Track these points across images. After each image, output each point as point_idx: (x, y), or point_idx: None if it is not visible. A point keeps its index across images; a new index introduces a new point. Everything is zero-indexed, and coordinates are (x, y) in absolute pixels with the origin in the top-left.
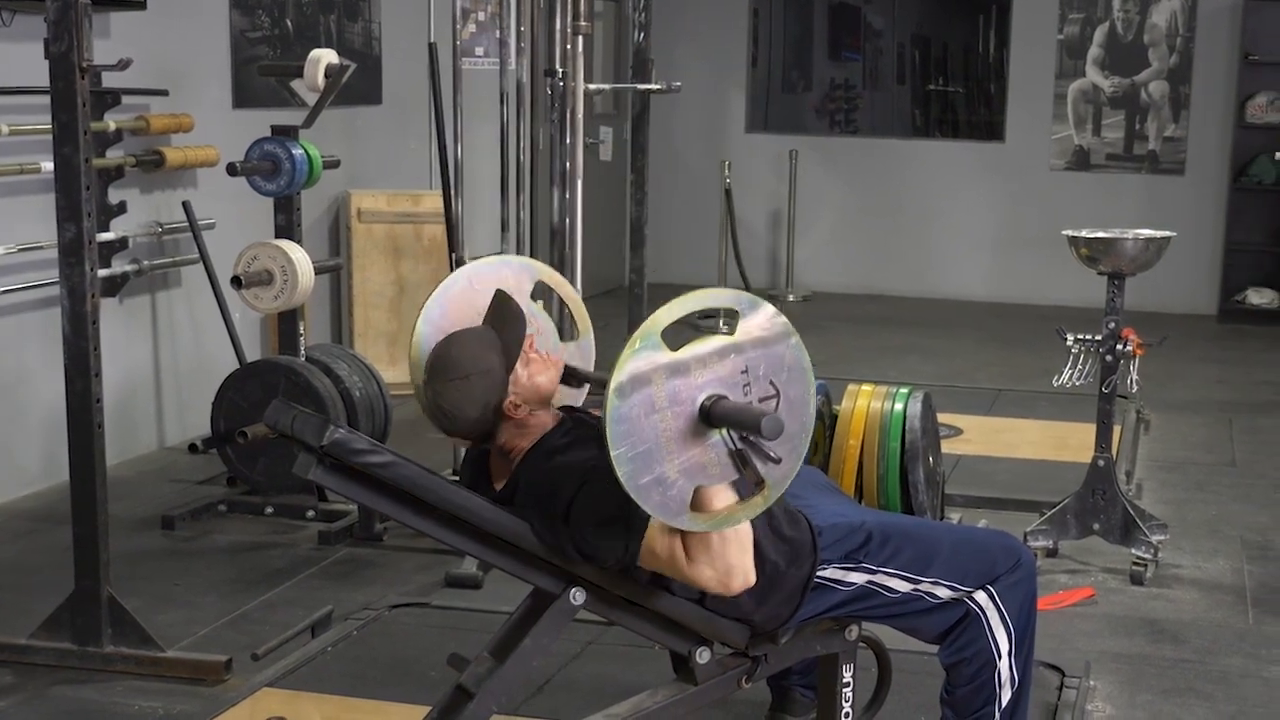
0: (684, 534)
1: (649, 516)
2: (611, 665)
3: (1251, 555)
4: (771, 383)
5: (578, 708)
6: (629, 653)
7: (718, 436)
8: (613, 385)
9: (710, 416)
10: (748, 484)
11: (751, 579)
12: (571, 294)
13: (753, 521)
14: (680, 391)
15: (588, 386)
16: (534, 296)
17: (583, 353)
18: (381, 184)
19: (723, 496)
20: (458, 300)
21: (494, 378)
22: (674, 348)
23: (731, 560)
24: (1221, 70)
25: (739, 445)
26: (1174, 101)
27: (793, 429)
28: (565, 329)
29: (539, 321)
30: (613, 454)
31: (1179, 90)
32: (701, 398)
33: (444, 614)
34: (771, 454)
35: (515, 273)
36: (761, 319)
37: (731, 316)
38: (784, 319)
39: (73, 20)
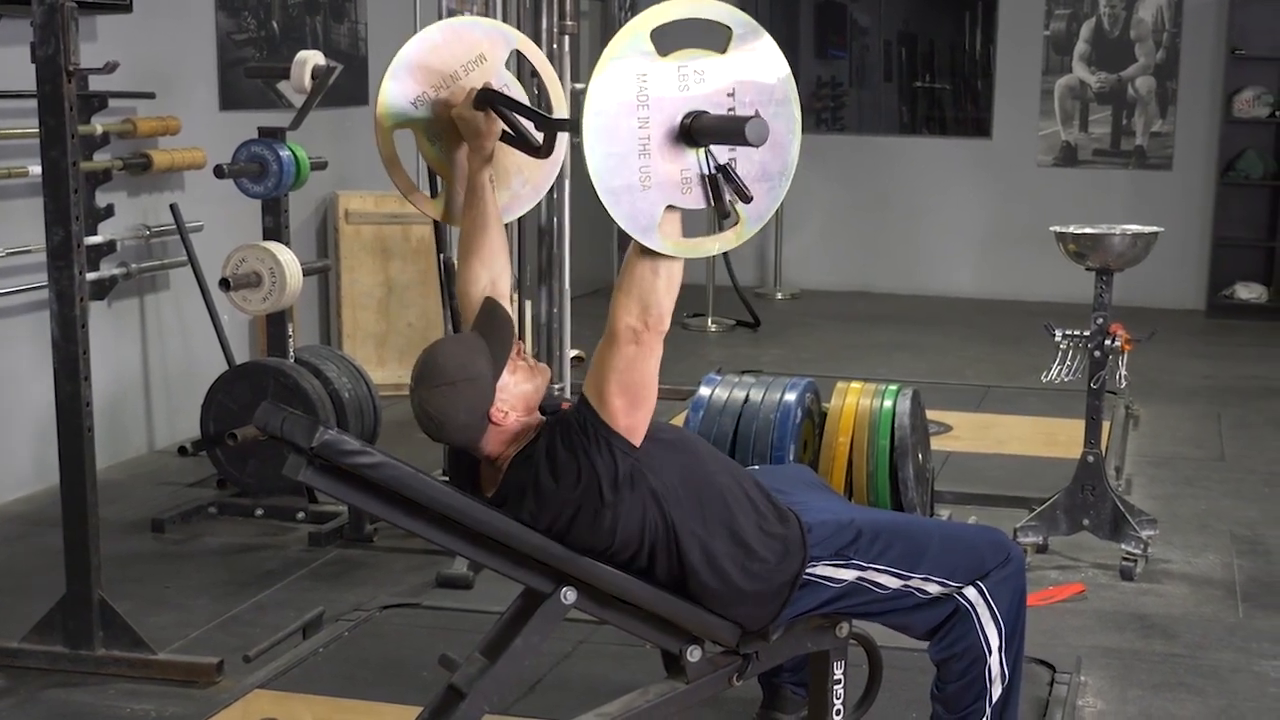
0: (622, 278)
1: (584, 399)
2: (603, 664)
3: (1241, 550)
4: (757, 111)
5: (569, 707)
6: (620, 652)
7: (694, 158)
8: (595, 77)
9: (691, 133)
10: (719, 217)
11: (665, 324)
12: (546, 65)
13: (743, 519)
14: (663, 100)
15: (563, 156)
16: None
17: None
18: (369, 185)
19: (670, 225)
20: (429, 56)
21: (481, 385)
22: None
23: (651, 300)
24: (1208, 65)
25: (714, 170)
26: (1161, 97)
27: (772, 167)
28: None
29: (514, 91)
30: (587, 153)
31: (1166, 85)
32: (684, 110)
33: (435, 614)
34: (746, 190)
35: (489, 35)
36: (758, 45)
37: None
38: (779, 53)
39: (59, 23)
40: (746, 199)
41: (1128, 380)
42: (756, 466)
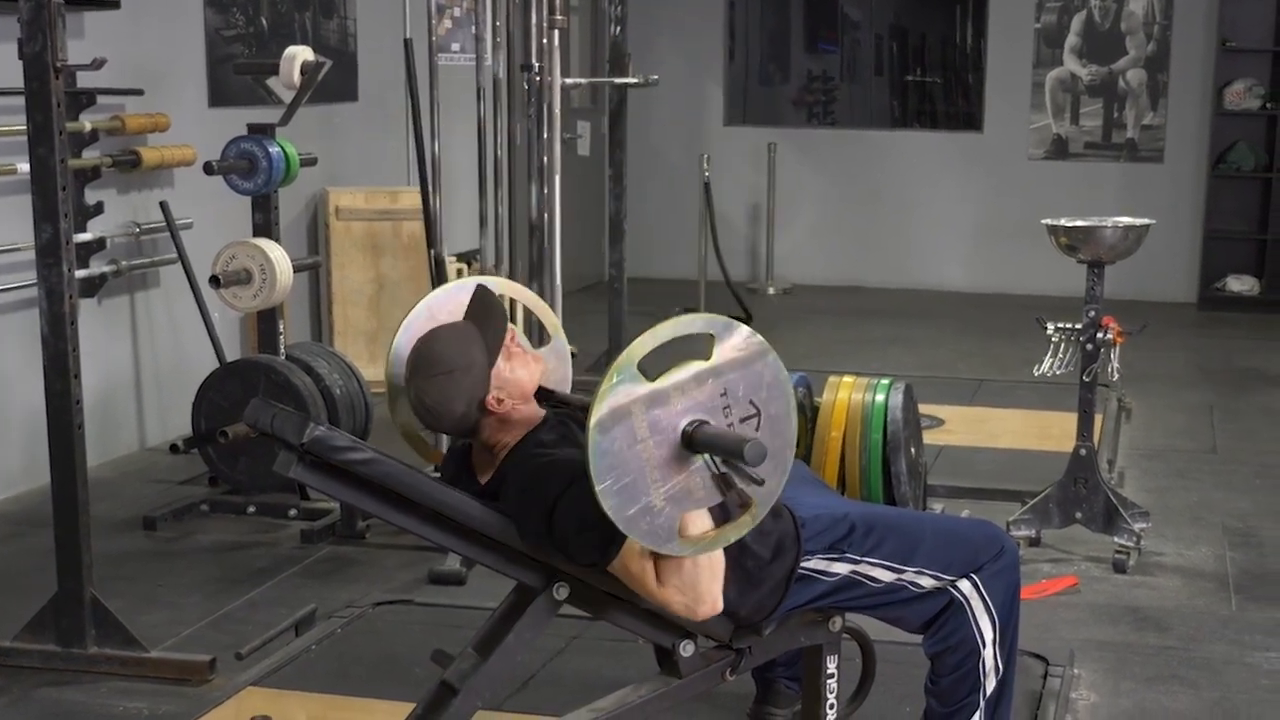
0: (657, 557)
1: (623, 536)
2: (596, 660)
3: (1233, 542)
4: (751, 402)
5: (562, 703)
6: (613, 647)
7: (701, 461)
8: (593, 421)
9: (693, 442)
10: (733, 505)
11: (719, 607)
12: (534, 300)
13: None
14: (661, 420)
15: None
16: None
17: (557, 354)
18: (359, 181)
19: (698, 522)
20: (422, 331)
21: (476, 372)
22: (652, 376)
23: (702, 588)
24: (1199, 57)
25: (722, 469)
26: (1152, 89)
27: (775, 446)
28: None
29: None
30: (598, 489)
31: (1157, 78)
32: (683, 424)
33: (428, 611)
34: (755, 476)
35: (470, 292)
36: (737, 340)
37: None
38: (759, 338)
39: (46, 20)
40: (759, 484)
41: (1120, 373)
42: None
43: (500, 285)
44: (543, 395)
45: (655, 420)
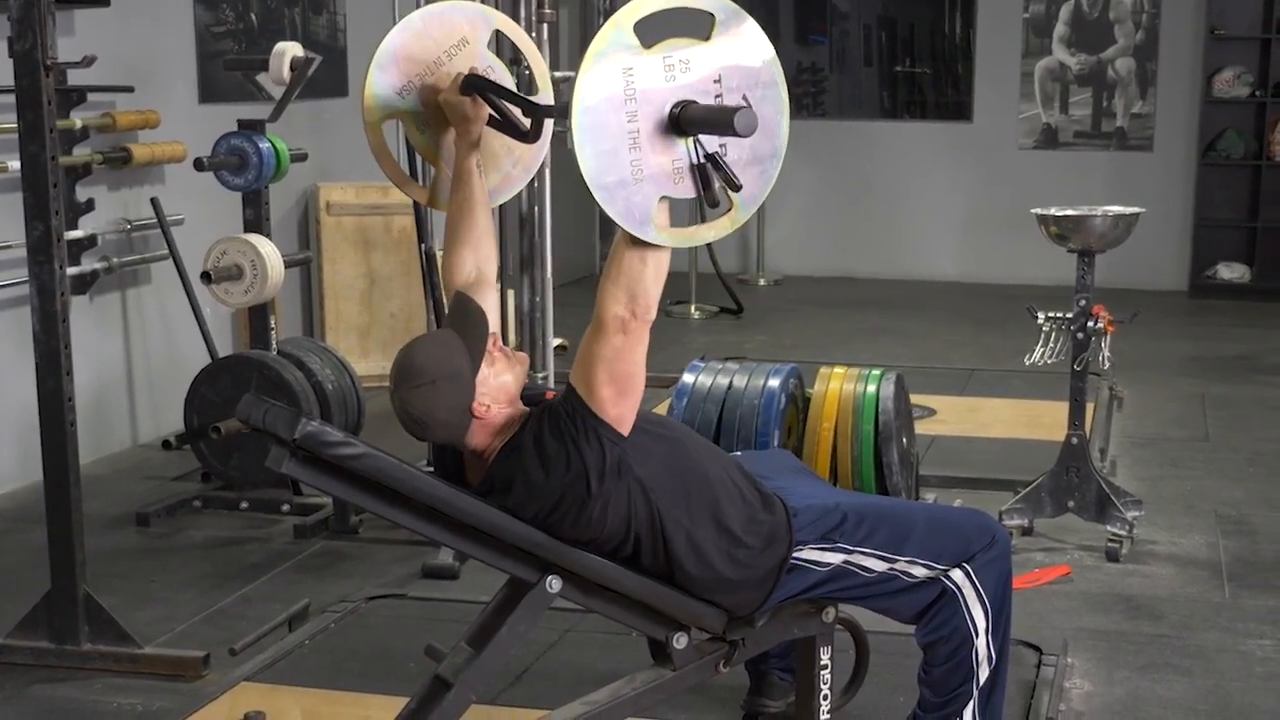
0: (609, 266)
1: (571, 389)
2: (589, 653)
3: (1226, 530)
4: (744, 96)
5: (556, 696)
6: (606, 640)
7: (684, 147)
8: (580, 75)
9: (680, 121)
10: (710, 204)
11: (652, 314)
12: (529, 44)
13: (728, 507)
14: (650, 92)
15: (547, 145)
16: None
17: (542, 102)
18: (350, 176)
19: (662, 214)
20: (411, 44)
21: (460, 380)
22: (647, 45)
23: (639, 290)
24: (1188, 45)
25: (703, 159)
26: (1141, 78)
27: (762, 150)
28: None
29: (499, 73)
30: (578, 152)
31: (1145, 66)
32: (672, 101)
33: (421, 605)
34: (735, 179)
35: (469, 18)
36: (741, 29)
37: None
38: (763, 35)
39: (36, 18)
40: (735, 188)
41: (1111, 362)
42: (740, 453)
43: (499, 20)
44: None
45: (644, 91)
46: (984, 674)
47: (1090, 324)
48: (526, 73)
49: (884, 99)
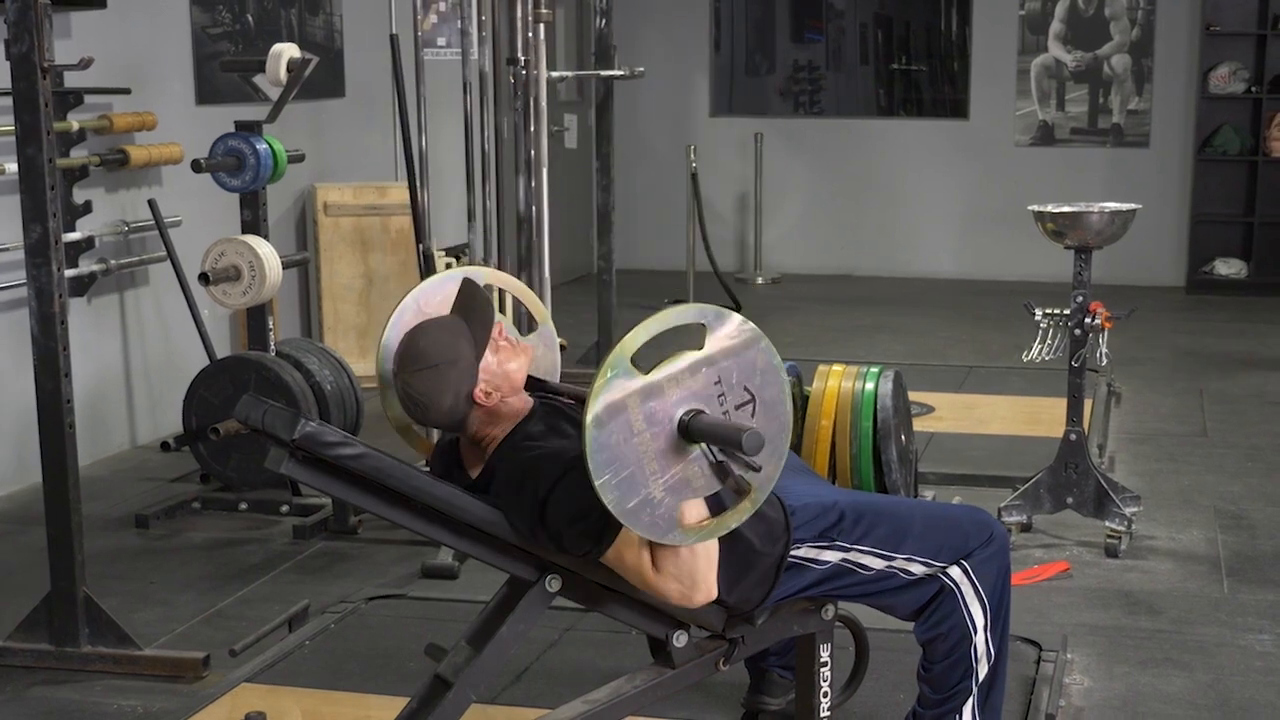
0: (653, 546)
1: (618, 525)
2: (589, 651)
3: (1225, 525)
4: (745, 388)
5: (556, 694)
6: (606, 638)
7: (698, 450)
8: (589, 418)
9: (689, 432)
10: (729, 493)
11: (714, 594)
12: (521, 288)
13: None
14: (656, 412)
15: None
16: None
17: (545, 341)
18: (347, 177)
19: (693, 510)
20: (410, 325)
21: (464, 366)
22: (645, 369)
23: (698, 575)
24: (1183, 42)
25: (720, 458)
26: (1137, 74)
27: (771, 432)
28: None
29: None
30: (596, 483)
31: (1141, 63)
32: (679, 414)
33: (421, 605)
34: (753, 463)
35: (456, 284)
36: (729, 328)
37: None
38: (750, 325)
39: (33, 20)
40: (757, 470)
41: (1109, 358)
42: None
43: (487, 276)
44: (531, 385)
45: (651, 412)
46: (983, 670)
47: (1088, 320)
48: (524, 73)
49: (880, 97)
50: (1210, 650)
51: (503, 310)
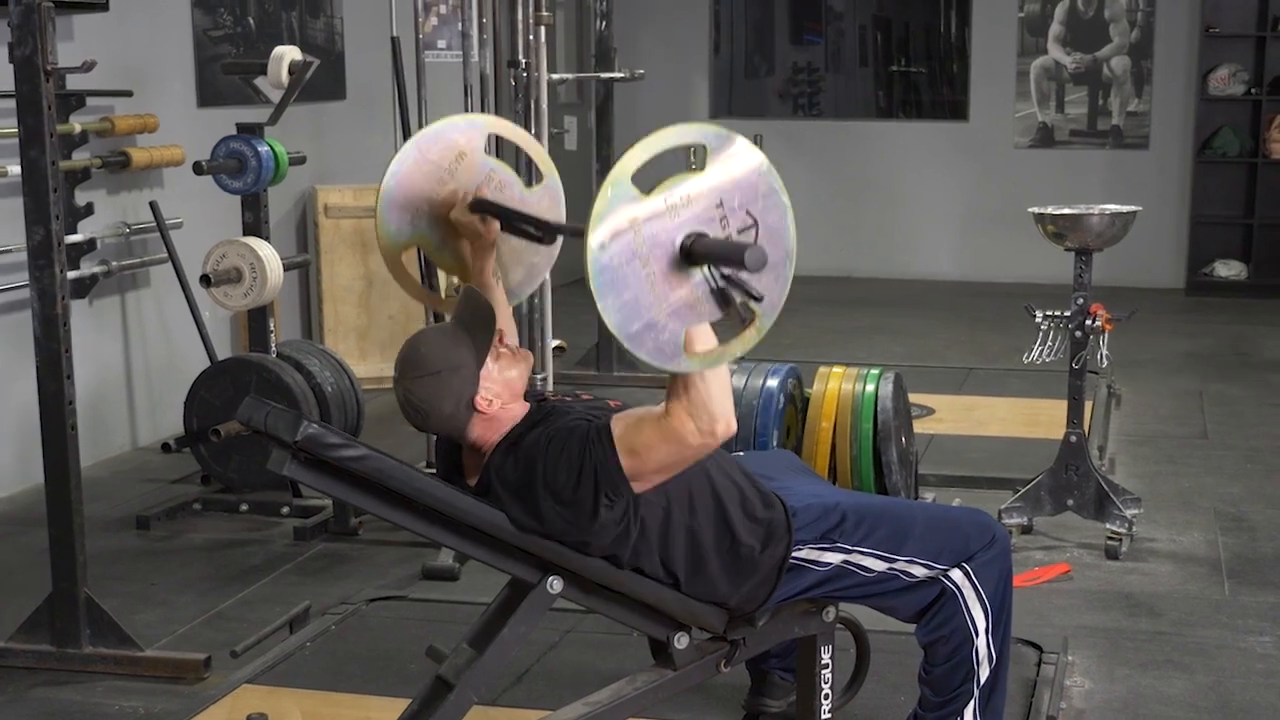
0: (667, 396)
1: (608, 436)
2: (590, 653)
3: (1225, 526)
4: (748, 212)
5: (557, 696)
6: (607, 640)
7: (700, 275)
8: (591, 239)
9: (691, 255)
10: (735, 320)
11: (734, 424)
12: (528, 140)
13: (729, 508)
14: (659, 234)
15: (560, 240)
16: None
17: (551, 195)
18: (348, 179)
19: (704, 338)
20: (412, 173)
21: (465, 373)
22: (646, 190)
23: (714, 406)
24: (1183, 44)
25: (721, 283)
26: (1136, 76)
27: (775, 258)
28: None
29: (501, 174)
30: (600, 306)
31: (1141, 65)
32: (680, 237)
33: (422, 606)
34: (754, 291)
35: (463, 132)
36: (732, 151)
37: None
38: (754, 148)
39: (36, 23)
40: (758, 299)
41: (1109, 360)
42: (741, 452)
43: (489, 123)
44: (545, 227)
45: (652, 234)
46: (984, 673)
47: (1088, 322)
48: (524, 75)
49: (880, 99)
50: (1211, 652)
51: (501, 157)
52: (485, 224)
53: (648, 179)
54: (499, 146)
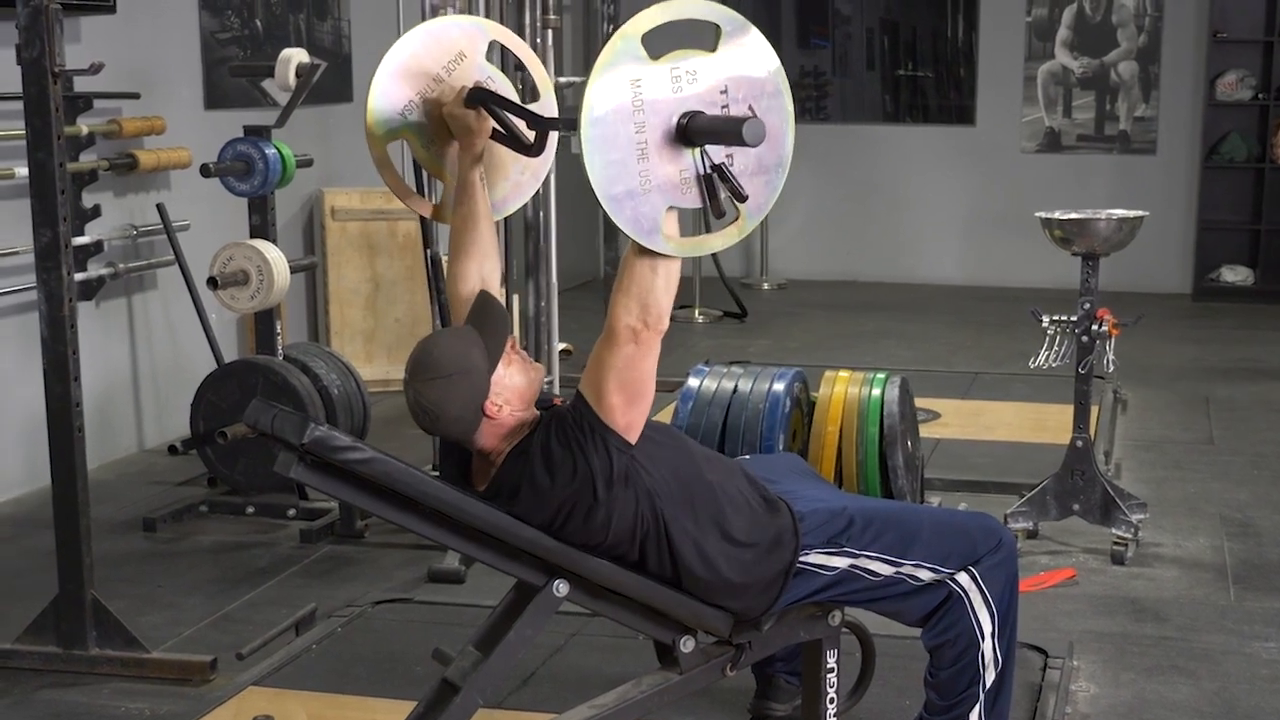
0: (623, 278)
1: (580, 397)
2: (596, 656)
3: (1231, 532)
4: (750, 107)
5: (563, 699)
6: (613, 643)
7: (691, 158)
8: (589, 88)
9: (687, 131)
10: (716, 213)
11: (665, 326)
12: (528, 53)
13: (734, 514)
14: (658, 103)
15: (551, 157)
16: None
17: (544, 110)
18: (355, 182)
19: (672, 228)
20: (410, 64)
21: (476, 377)
22: (654, 56)
23: (650, 300)
24: (1190, 49)
25: (709, 170)
26: (1144, 81)
27: (768, 160)
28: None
29: (498, 81)
30: (586, 163)
31: (1148, 70)
32: (679, 112)
33: (427, 609)
34: (741, 189)
35: (466, 32)
36: (747, 41)
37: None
38: (768, 45)
39: (44, 25)
40: (742, 198)
41: (1115, 365)
42: (747, 456)
43: (490, 29)
44: (538, 121)
45: (652, 101)
46: (990, 677)
47: (1094, 327)
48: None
49: (886, 103)
50: (1216, 658)
51: (494, 62)
52: (479, 120)
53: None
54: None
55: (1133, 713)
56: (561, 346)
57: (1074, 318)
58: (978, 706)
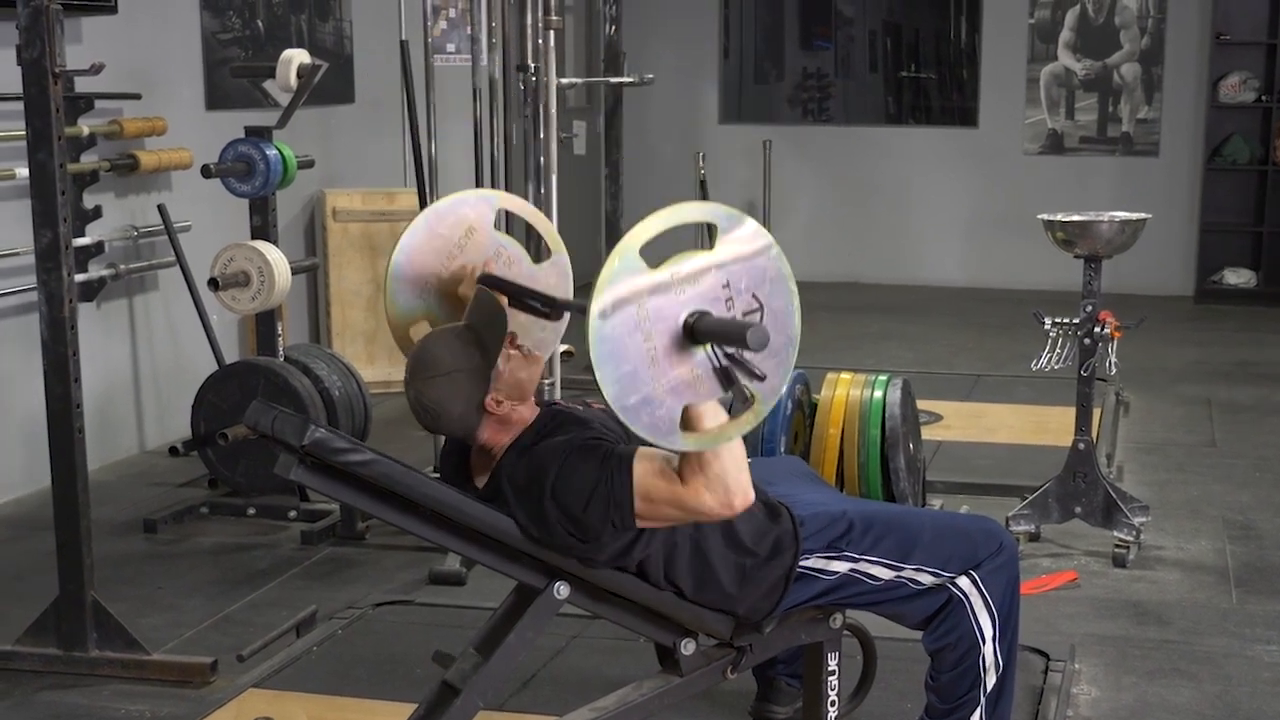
0: (681, 466)
1: (629, 472)
2: (596, 659)
3: (1233, 535)
4: (754, 296)
5: (564, 702)
6: (614, 646)
7: (703, 354)
8: (594, 308)
9: (694, 333)
10: (736, 401)
11: (751, 496)
12: (537, 216)
13: (735, 519)
14: (663, 309)
15: (568, 316)
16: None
17: (559, 271)
18: (356, 183)
19: (713, 414)
20: (422, 248)
21: (476, 374)
22: (652, 264)
23: (730, 481)
24: (1193, 51)
25: (724, 363)
26: (1146, 83)
27: (778, 342)
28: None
29: (510, 250)
30: (598, 376)
31: (1151, 72)
32: (684, 314)
33: (428, 611)
34: (756, 371)
35: (474, 207)
36: (742, 232)
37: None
38: (764, 231)
39: (44, 26)
40: (760, 379)
41: (1117, 367)
42: (749, 459)
43: (500, 199)
44: (551, 303)
45: (657, 309)
46: (991, 680)
47: (1097, 329)
48: (533, 79)
49: (889, 104)
50: (1218, 661)
51: (511, 233)
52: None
53: (654, 257)
54: (509, 222)
55: (1134, 716)
56: (563, 348)
57: (1076, 320)
58: (979, 710)
